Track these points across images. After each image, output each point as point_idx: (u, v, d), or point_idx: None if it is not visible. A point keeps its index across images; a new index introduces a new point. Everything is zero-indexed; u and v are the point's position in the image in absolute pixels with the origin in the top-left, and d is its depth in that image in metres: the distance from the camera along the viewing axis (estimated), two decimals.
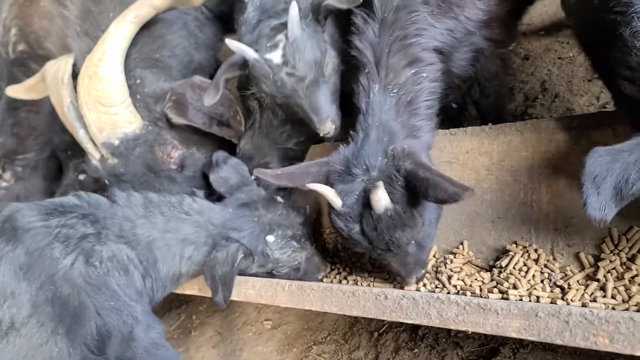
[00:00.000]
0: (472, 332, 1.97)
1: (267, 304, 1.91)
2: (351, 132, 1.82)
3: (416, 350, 2.04)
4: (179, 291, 2.17)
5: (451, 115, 2.27)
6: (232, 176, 2.10)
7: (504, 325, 1.32)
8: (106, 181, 2.26)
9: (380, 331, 2.24)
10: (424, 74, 1.79)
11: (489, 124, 2.01)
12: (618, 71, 1.39)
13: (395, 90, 1.75)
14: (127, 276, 1.81)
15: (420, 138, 1.81)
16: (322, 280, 2.12)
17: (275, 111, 2.24)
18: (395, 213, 1.62)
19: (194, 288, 2.16)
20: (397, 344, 2.12)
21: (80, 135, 2.17)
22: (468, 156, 2.03)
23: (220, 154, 2.21)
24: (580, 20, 1.76)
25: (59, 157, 2.99)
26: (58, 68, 2.24)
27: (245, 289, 1.96)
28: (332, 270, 2.20)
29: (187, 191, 2.20)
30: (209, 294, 2.08)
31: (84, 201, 1.90)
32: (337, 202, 1.70)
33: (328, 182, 1.76)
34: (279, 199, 2.09)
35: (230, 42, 1.97)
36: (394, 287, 1.93)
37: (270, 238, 1.99)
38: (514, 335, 1.30)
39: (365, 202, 1.65)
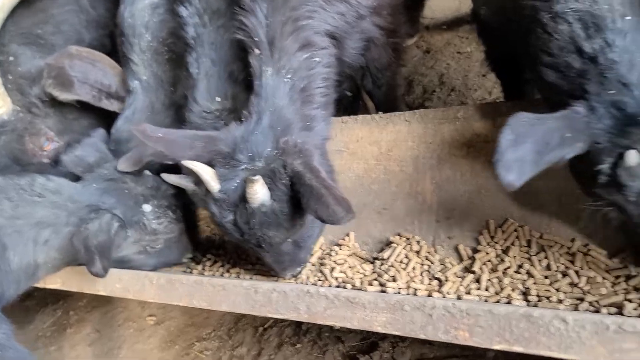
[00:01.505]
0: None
1: (135, 299, 1.74)
2: (244, 111, 1.69)
3: (299, 345, 1.97)
4: (40, 285, 1.94)
5: (345, 104, 2.20)
6: (89, 154, 1.91)
7: (371, 320, 1.26)
8: None
9: (265, 326, 2.15)
10: (317, 59, 1.70)
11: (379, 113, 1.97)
12: (539, 58, 1.34)
13: (289, 76, 1.64)
14: None
15: (315, 129, 1.71)
16: (191, 268, 2.01)
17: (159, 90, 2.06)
18: (272, 211, 1.52)
19: (56, 281, 1.94)
20: (281, 339, 2.04)
21: None
22: (358, 145, 1.97)
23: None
24: (493, 8, 1.74)
25: None
26: None
27: (112, 283, 1.78)
28: (215, 262, 2.07)
29: None
30: (73, 287, 1.88)
31: None
32: (214, 186, 1.57)
33: (211, 162, 1.62)
34: (146, 172, 1.92)
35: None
36: (278, 280, 1.84)
37: (146, 207, 1.87)
38: (379, 329, 1.24)
39: (243, 193, 1.54)
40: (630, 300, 1.33)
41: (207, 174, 1.58)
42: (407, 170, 1.86)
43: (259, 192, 1.49)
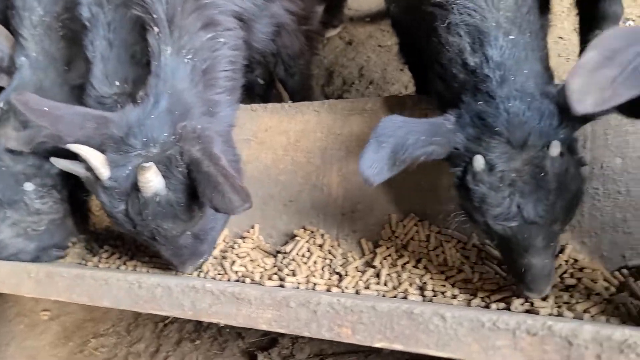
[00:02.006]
0: None
1: (10, 293, 1.59)
2: (141, 93, 1.57)
3: (198, 342, 1.88)
4: None
5: (258, 92, 2.12)
6: None
7: (256, 317, 1.20)
8: None
9: (166, 322, 2.05)
10: (222, 40, 1.60)
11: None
12: (432, 67, 1.37)
13: (189, 56, 1.54)
14: None
15: (218, 115, 1.62)
16: (86, 260, 1.88)
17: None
18: (166, 201, 1.43)
19: None
20: (181, 335, 1.94)
21: None
22: (267, 134, 1.91)
23: None
24: (401, 7, 1.72)
25: None
26: None
27: None
28: (112, 254, 1.94)
29: None
30: None
31: None
32: (103, 172, 1.45)
33: (102, 146, 1.49)
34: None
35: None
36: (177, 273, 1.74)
37: (28, 186, 1.73)
38: (264, 327, 1.18)
39: (136, 181, 1.43)
40: (518, 296, 1.36)
41: (95, 159, 1.46)
42: (314, 162, 1.81)
43: (152, 181, 1.39)
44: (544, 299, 1.31)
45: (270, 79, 2.06)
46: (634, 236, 1.34)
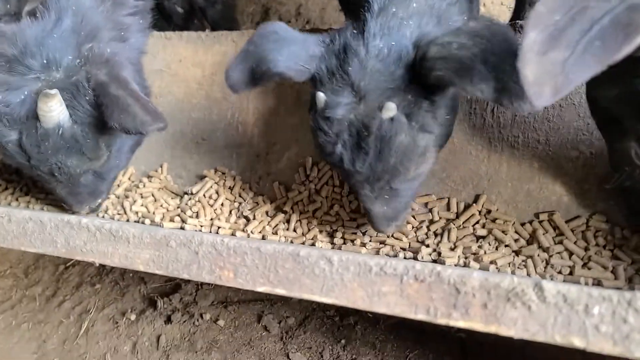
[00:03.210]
0: None
1: None
2: (40, 6, 1.36)
3: (98, 286, 1.76)
4: None
5: (176, 22, 1.93)
6: None
7: (133, 257, 1.08)
8: None
9: (67, 265, 1.90)
10: None
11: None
12: None
13: None
14: None
15: (129, 40, 1.45)
16: None
17: None
18: (71, 135, 1.27)
19: None
20: (81, 279, 1.81)
21: None
22: (180, 65, 1.74)
23: None
24: None
25: None
26: None
27: None
28: (5, 189, 1.76)
29: None
30: None
31: None
32: None
33: None
34: None
35: None
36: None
37: None
38: (141, 268, 1.07)
39: (34, 109, 1.25)
40: (427, 245, 1.29)
41: None
42: (230, 98, 1.66)
43: (56, 110, 1.22)
44: (452, 249, 1.26)
45: (190, 8, 1.87)
46: (549, 187, 1.29)
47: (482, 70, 0.87)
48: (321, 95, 1.07)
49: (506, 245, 1.25)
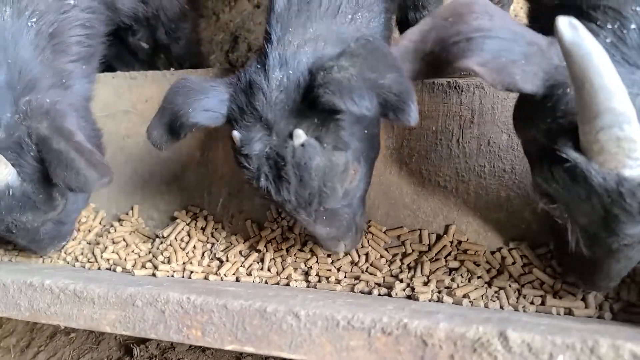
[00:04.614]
0: None
1: None
2: None
3: (73, 334, 1.68)
4: None
5: (142, 57, 1.92)
6: None
7: (99, 318, 1.06)
8: None
9: None
10: (72, 1, 1.41)
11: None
12: None
13: (34, 19, 1.33)
14: None
15: (72, 87, 1.43)
16: None
17: None
18: (22, 193, 1.26)
19: None
20: (56, 328, 1.75)
21: None
22: (147, 106, 1.72)
23: None
24: None
25: None
26: None
27: None
28: None
29: None
30: None
31: None
32: None
33: None
34: None
35: None
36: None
37: None
38: (107, 329, 1.05)
39: None
40: (401, 280, 1.29)
41: None
42: (198, 136, 1.65)
43: (2, 173, 1.21)
44: (426, 283, 1.25)
45: (156, 44, 1.86)
46: (517, 215, 1.29)
47: (362, 89, 0.90)
48: (236, 134, 1.09)
49: (478, 277, 1.25)
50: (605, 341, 0.73)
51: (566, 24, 0.70)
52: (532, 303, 1.17)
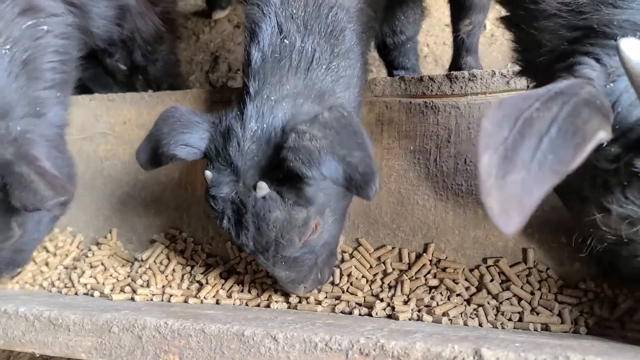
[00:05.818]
0: None
1: None
2: None
3: None
4: None
5: (120, 79, 1.91)
6: None
7: (75, 345, 1.04)
8: None
9: None
10: (45, 27, 1.40)
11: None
12: None
13: (8, 46, 1.33)
14: None
15: (46, 115, 1.42)
16: None
17: None
18: None
19: None
20: (33, 355, 1.73)
21: None
22: (125, 128, 1.71)
23: None
24: None
25: None
26: None
27: None
28: None
29: None
30: None
31: None
32: None
33: None
34: None
35: None
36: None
37: None
38: (83, 357, 1.03)
39: None
40: (381, 300, 1.29)
41: None
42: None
43: None
44: (406, 302, 1.26)
45: (133, 65, 1.86)
46: (495, 233, 1.31)
47: (331, 162, 0.94)
48: (208, 174, 1.14)
49: (457, 295, 1.25)
50: (576, 357, 0.74)
51: (630, 46, 0.67)
52: (510, 319, 1.18)
